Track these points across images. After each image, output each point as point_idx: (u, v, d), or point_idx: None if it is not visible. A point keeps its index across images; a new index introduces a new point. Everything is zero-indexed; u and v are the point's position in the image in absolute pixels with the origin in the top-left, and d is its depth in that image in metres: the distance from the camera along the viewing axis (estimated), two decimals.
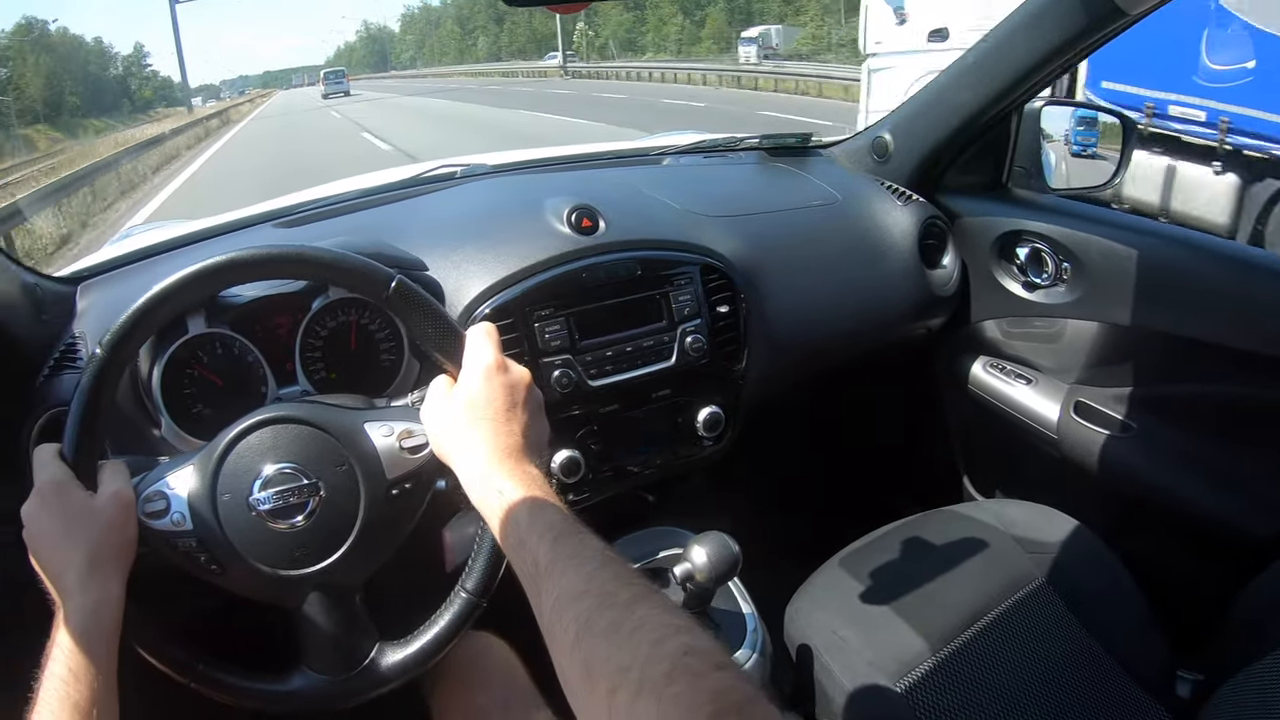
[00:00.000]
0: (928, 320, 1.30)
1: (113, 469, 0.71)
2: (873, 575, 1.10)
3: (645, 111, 15.37)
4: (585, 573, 0.55)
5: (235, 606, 0.80)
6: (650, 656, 0.47)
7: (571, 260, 0.99)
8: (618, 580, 0.54)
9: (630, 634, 0.49)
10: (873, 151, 1.37)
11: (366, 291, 0.77)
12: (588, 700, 0.50)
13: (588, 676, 0.50)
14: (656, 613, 0.51)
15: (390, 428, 0.75)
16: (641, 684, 0.46)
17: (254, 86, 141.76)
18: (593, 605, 0.53)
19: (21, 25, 69.84)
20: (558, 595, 0.55)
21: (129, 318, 0.72)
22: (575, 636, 0.52)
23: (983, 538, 1.14)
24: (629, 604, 0.52)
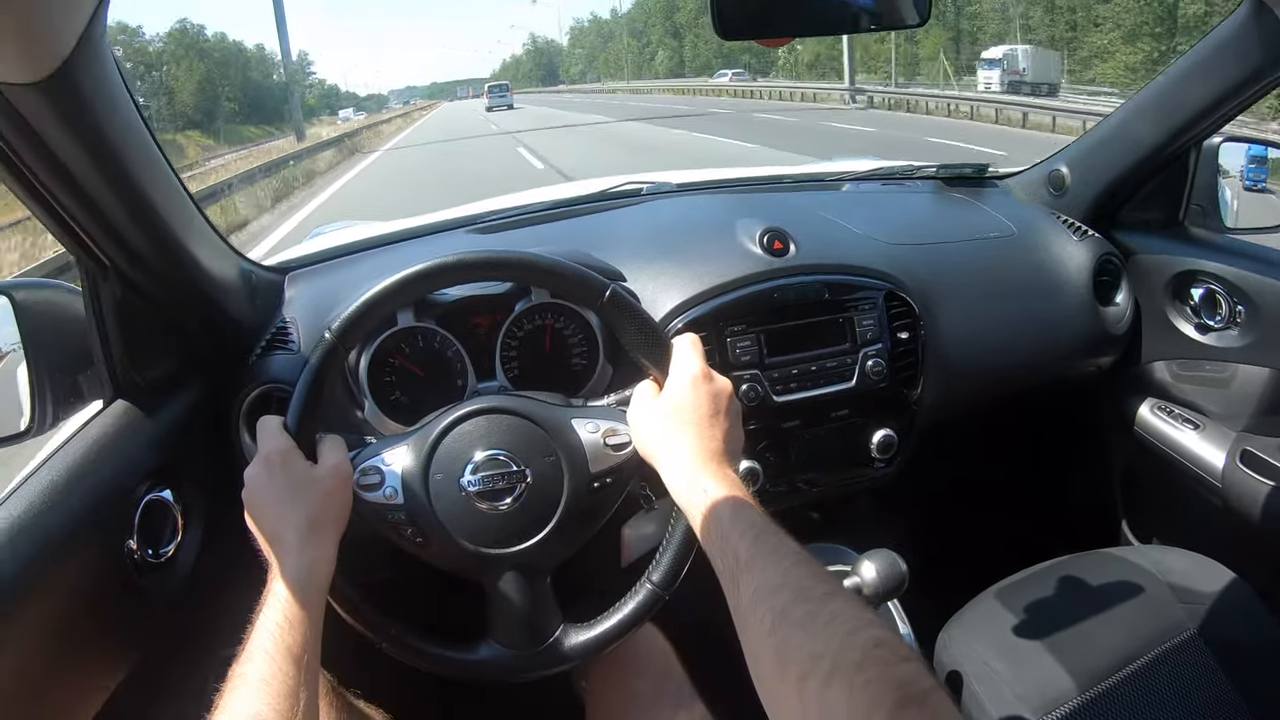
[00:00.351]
0: (1099, 358, 1.28)
1: (332, 443, 0.79)
2: (1027, 610, 1.10)
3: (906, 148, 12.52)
4: (783, 568, 0.60)
5: (421, 579, 0.89)
6: (843, 646, 0.51)
7: (764, 280, 1.04)
8: (813, 577, 0.59)
9: (825, 625, 0.53)
10: (1049, 184, 1.35)
11: (582, 297, 0.83)
12: (778, 686, 0.54)
13: (780, 663, 0.54)
14: (849, 607, 0.55)
15: (596, 425, 0.81)
16: (834, 671, 0.50)
17: (420, 97, 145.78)
18: (789, 597, 0.57)
19: (175, 30, 72.34)
20: (756, 588, 0.60)
21: (360, 306, 0.80)
22: (771, 625, 0.56)
23: (1139, 583, 1.12)
24: (823, 598, 0.56)
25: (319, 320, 1.01)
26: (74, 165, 0.72)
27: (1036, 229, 1.29)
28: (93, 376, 0.90)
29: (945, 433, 1.17)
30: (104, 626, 0.79)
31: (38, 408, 0.87)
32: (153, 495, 0.87)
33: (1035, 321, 1.23)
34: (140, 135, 0.78)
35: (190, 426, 0.95)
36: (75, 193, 0.75)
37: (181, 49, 71.19)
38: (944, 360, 1.12)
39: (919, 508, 1.32)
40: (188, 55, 70.93)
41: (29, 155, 0.70)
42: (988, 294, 1.20)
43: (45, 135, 0.68)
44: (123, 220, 0.79)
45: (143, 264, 0.84)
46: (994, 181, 1.43)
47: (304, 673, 0.65)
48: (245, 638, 0.67)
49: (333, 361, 0.79)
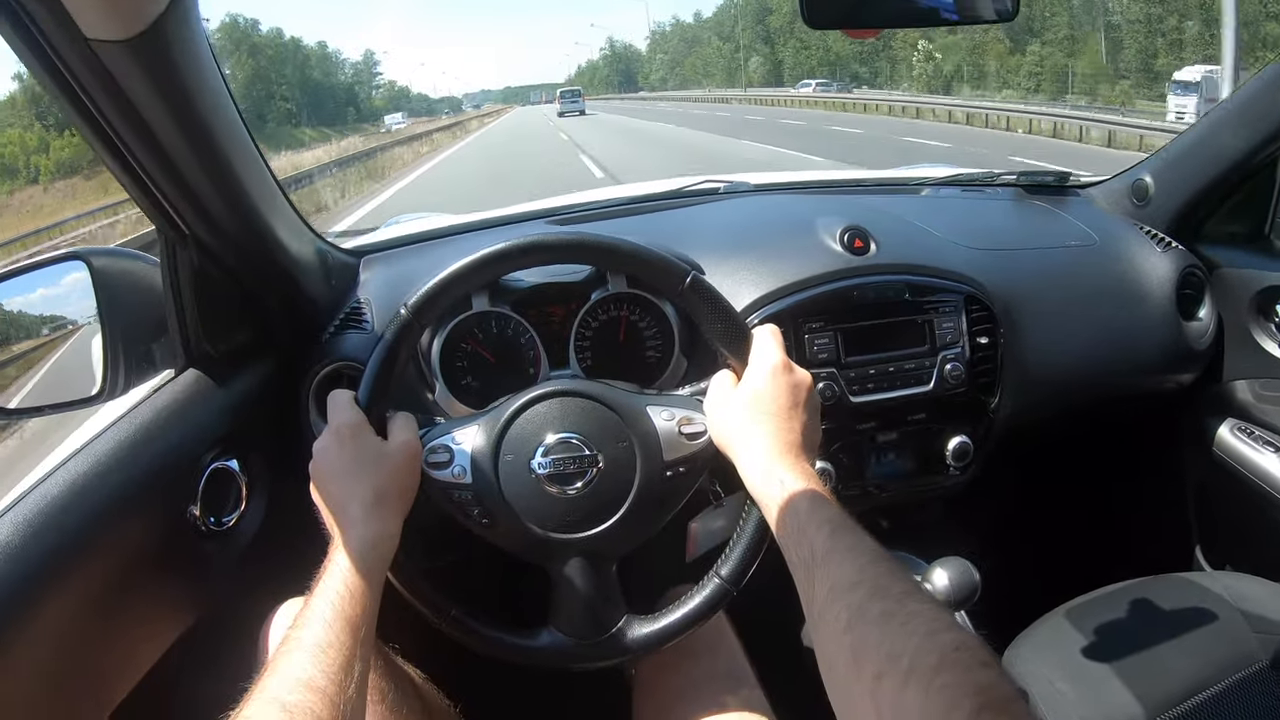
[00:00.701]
0: (1179, 374, 1.24)
1: (403, 420, 0.78)
2: (1097, 632, 1.06)
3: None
4: (860, 565, 0.58)
5: (484, 563, 0.88)
6: (921, 647, 0.49)
7: (844, 278, 1.03)
8: (890, 575, 0.57)
9: (902, 624, 0.52)
10: (1132, 194, 1.31)
11: (663, 284, 0.82)
12: (852, 684, 0.52)
13: (855, 661, 0.52)
14: (928, 608, 0.53)
15: (672, 413, 0.80)
16: (911, 672, 0.48)
17: (494, 101, 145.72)
18: (866, 595, 0.55)
19: (226, 24, 70.96)
20: (832, 584, 0.58)
21: (437, 283, 0.79)
22: (847, 623, 0.54)
23: (1212, 610, 1.08)
24: (901, 597, 0.54)
25: (393, 302, 1.01)
26: (160, 129, 0.73)
27: (1119, 239, 1.25)
28: (165, 346, 0.91)
29: (1019, 442, 1.13)
30: (161, 588, 0.80)
31: (110, 374, 0.88)
32: (219, 464, 0.88)
33: (1115, 333, 1.19)
34: (226, 104, 0.78)
35: (259, 399, 0.95)
36: (160, 157, 0.75)
37: (230, 43, 69.44)
38: (1022, 368, 1.09)
39: (988, 518, 1.28)
40: (237, 50, 69.22)
41: (116, 117, 0.70)
42: (1067, 303, 1.16)
43: (133, 95, 0.68)
44: (205, 189, 0.80)
45: (222, 234, 0.85)
46: (1075, 191, 1.39)
47: (360, 645, 0.63)
48: (304, 604, 0.66)
49: (407, 338, 0.79)
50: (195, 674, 0.87)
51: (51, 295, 0.97)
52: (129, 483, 0.76)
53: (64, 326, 0.96)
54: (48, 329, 0.97)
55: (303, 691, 0.57)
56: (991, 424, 1.08)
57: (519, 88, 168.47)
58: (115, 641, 0.74)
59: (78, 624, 0.68)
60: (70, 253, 0.90)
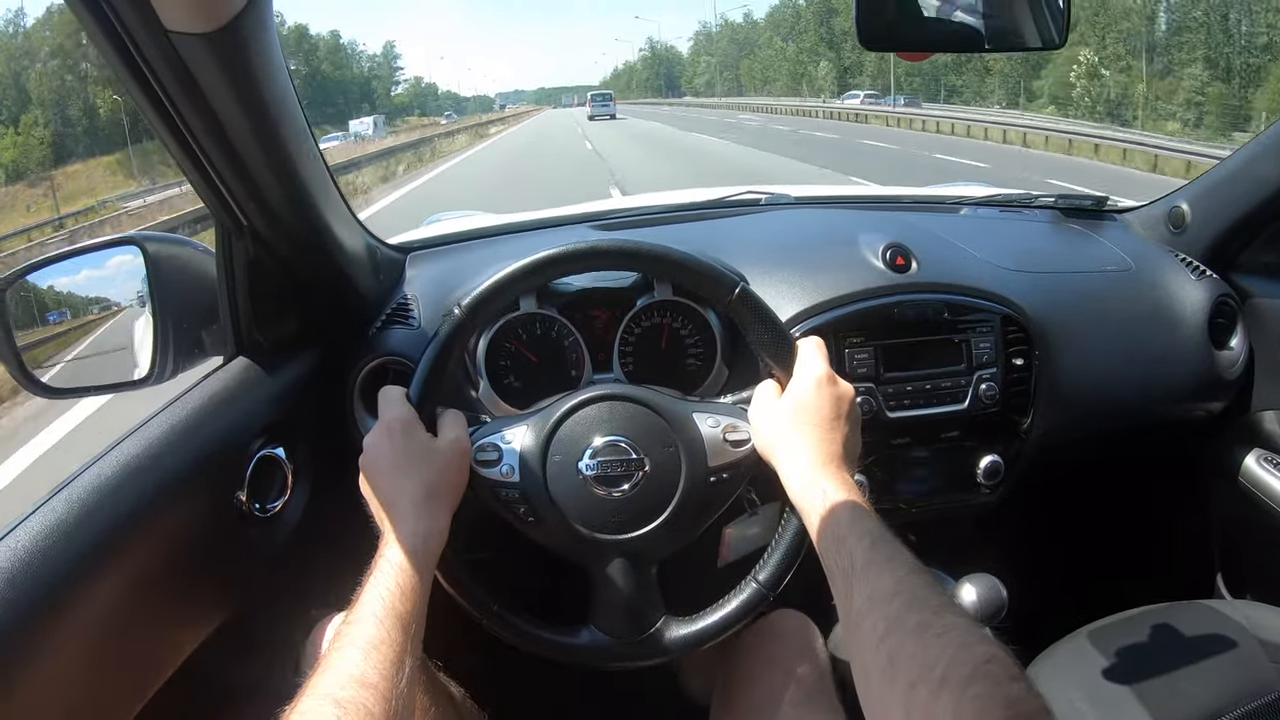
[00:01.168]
0: (1208, 402, 1.24)
1: (453, 417, 0.79)
2: (1118, 655, 1.07)
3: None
4: (898, 576, 0.60)
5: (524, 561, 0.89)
6: (955, 659, 0.50)
7: (885, 295, 1.03)
8: (928, 587, 0.59)
9: (938, 635, 0.53)
10: (1169, 221, 1.31)
11: (711, 294, 0.83)
12: (886, 692, 0.54)
13: (890, 670, 0.53)
14: (963, 621, 0.55)
15: (717, 420, 0.81)
16: (944, 682, 0.49)
17: (527, 102, 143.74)
18: (903, 605, 0.57)
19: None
20: (870, 593, 0.60)
21: (492, 285, 0.80)
22: (884, 632, 0.56)
23: (1232, 638, 1.09)
24: (938, 609, 0.56)
25: (440, 299, 1.02)
26: (228, 121, 0.74)
27: (1154, 265, 1.26)
28: (214, 333, 0.92)
29: (1049, 464, 1.14)
30: (206, 571, 0.81)
31: (159, 358, 0.89)
32: (266, 451, 0.89)
33: (1147, 359, 1.19)
34: (292, 101, 0.79)
35: (305, 389, 0.97)
36: (225, 149, 0.77)
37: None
38: (1055, 390, 1.10)
39: (1013, 538, 1.29)
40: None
41: (187, 108, 0.72)
42: (1102, 327, 1.17)
43: (205, 87, 0.70)
44: (266, 181, 0.81)
45: (279, 227, 0.86)
46: (1112, 215, 1.39)
47: (410, 641, 0.65)
48: (353, 599, 0.67)
49: (460, 337, 0.80)
50: (236, 659, 0.89)
51: (97, 277, 0.98)
52: (180, 466, 0.77)
53: (109, 308, 0.98)
54: (95, 309, 0.98)
55: (355, 688, 0.58)
56: (1023, 444, 1.09)
57: (552, 89, 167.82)
58: (161, 622, 0.75)
59: (125, 603, 0.69)
60: (126, 237, 0.91)
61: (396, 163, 20.92)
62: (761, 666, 0.92)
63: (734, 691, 0.93)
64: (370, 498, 0.75)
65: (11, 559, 0.61)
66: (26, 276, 0.92)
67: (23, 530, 0.64)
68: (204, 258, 0.93)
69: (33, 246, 14.26)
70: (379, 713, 0.57)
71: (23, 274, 0.92)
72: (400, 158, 21.47)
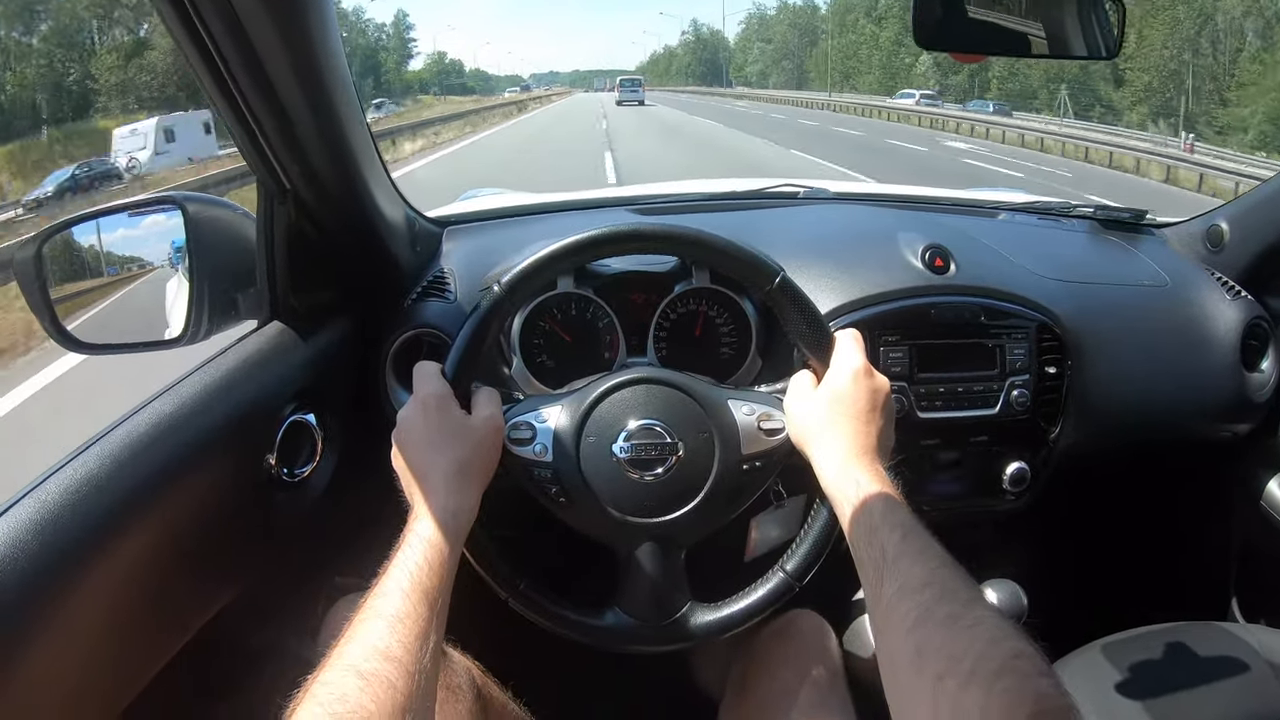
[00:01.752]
0: (1235, 424, 1.23)
1: (487, 395, 0.79)
2: (1131, 670, 1.07)
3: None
4: (929, 568, 0.60)
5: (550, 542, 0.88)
6: (984, 652, 0.50)
7: (923, 295, 1.03)
8: (958, 580, 0.59)
9: (968, 628, 0.53)
10: (1206, 240, 1.30)
11: (751, 281, 0.83)
12: (913, 682, 0.54)
13: (918, 660, 0.53)
14: (992, 615, 0.55)
15: (752, 408, 0.81)
16: (973, 674, 0.49)
17: (562, 84, 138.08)
18: (934, 597, 0.57)
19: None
20: (901, 584, 0.59)
21: (533, 264, 0.80)
22: (914, 622, 0.56)
23: (1244, 661, 1.09)
24: (968, 602, 0.56)
25: (476, 274, 1.02)
26: (279, 83, 0.74)
27: (1189, 283, 1.25)
28: (251, 297, 0.92)
29: (1074, 474, 1.14)
30: (232, 533, 0.81)
31: (193, 319, 0.89)
32: (297, 417, 0.89)
33: (1177, 376, 1.19)
34: (343, 66, 0.79)
35: (338, 356, 0.97)
36: (275, 111, 0.77)
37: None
38: (1085, 401, 1.09)
39: (1033, 546, 1.28)
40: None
41: (239, 68, 0.72)
42: (1134, 341, 1.16)
43: (260, 47, 0.70)
44: (313, 144, 0.81)
45: (322, 192, 0.86)
46: (1150, 230, 1.38)
47: (436, 616, 0.64)
48: (380, 572, 0.66)
49: (498, 314, 0.80)
50: (255, 622, 0.89)
51: (132, 237, 0.98)
52: (212, 427, 0.77)
53: (143, 267, 0.98)
54: (132, 267, 0.99)
55: (379, 661, 0.58)
56: (1050, 453, 1.09)
57: (586, 72, 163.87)
58: (185, 581, 0.75)
59: (151, 560, 0.70)
60: (167, 196, 0.91)
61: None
62: (775, 664, 0.92)
63: (746, 688, 0.93)
64: (402, 472, 0.75)
65: (41, 511, 0.61)
66: (65, 231, 0.92)
67: (54, 482, 0.64)
68: (243, 220, 0.93)
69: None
70: (402, 686, 0.57)
71: (61, 228, 0.92)
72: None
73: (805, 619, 0.97)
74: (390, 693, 0.56)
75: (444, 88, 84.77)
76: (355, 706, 0.54)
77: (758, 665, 0.93)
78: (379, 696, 0.55)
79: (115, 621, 0.66)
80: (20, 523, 0.60)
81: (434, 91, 77.26)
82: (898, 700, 0.56)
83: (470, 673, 0.87)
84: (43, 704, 0.60)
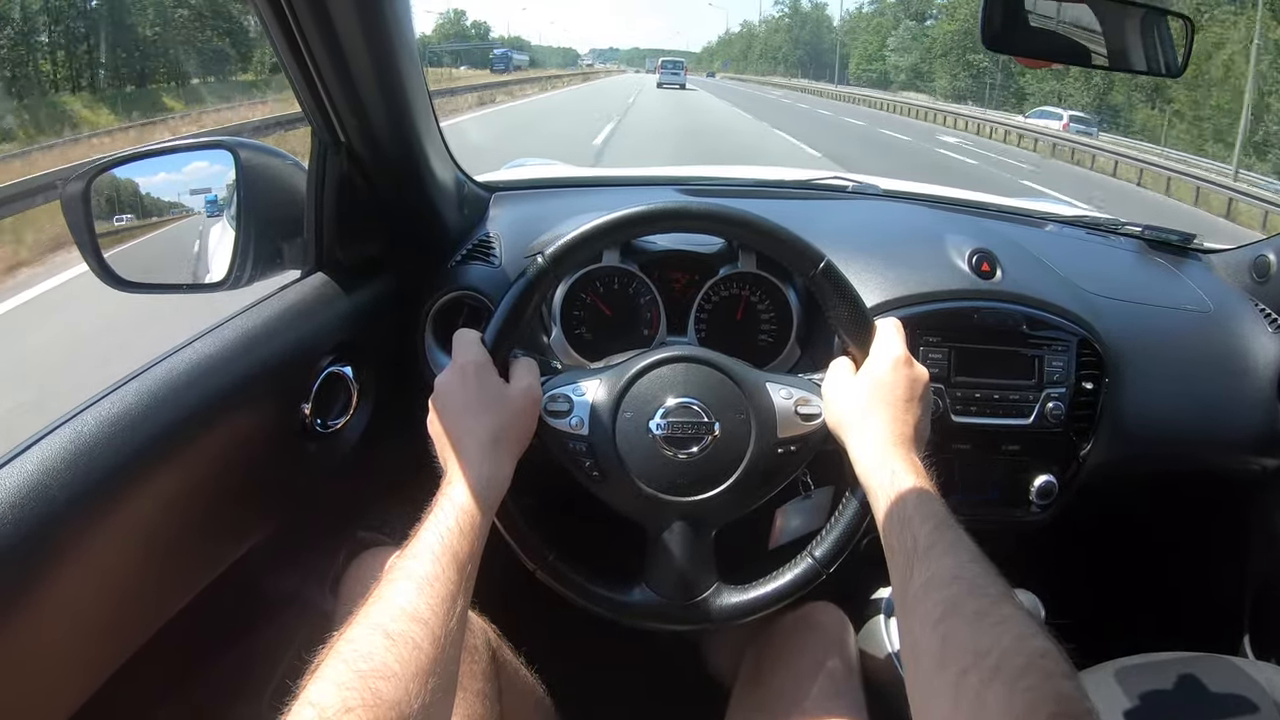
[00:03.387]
0: (1264, 458, 1.22)
1: (526, 365, 0.79)
2: (1139, 696, 1.06)
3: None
4: (960, 561, 0.59)
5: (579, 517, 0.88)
6: (1010, 649, 0.50)
7: (968, 299, 1.02)
8: (987, 576, 0.58)
9: (995, 625, 0.53)
10: (1253, 270, 1.29)
11: (796, 266, 0.82)
12: (936, 676, 0.53)
13: (942, 654, 0.53)
14: (1020, 613, 0.54)
15: (790, 392, 0.80)
16: (997, 670, 0.49)
17: (618, 61, 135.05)
18: (962, 591, 0.56)
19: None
20: (930, 576, 0.59)
21: (579, 236, 0.79)
22: (940, 615, 0.55)
23: (1252, 699, 1.07)
24: (997, 599, 0.55)
25: (522, 241, 1.02)
26: (346, 35, 0.74)
27: (1232, 312, 1.24)
28: (296, 246, 0.93)
29: (1100, 492, 1.13)
30: (261, 478, 0.81)
31: (238, 264, 0.90)
32: (334, 369, 0.89)
33: (1211, 404, 1.17)
34: (408, 22, 0.79)
35: (378, 312, 0.97)
36: (338, 63, 0.77)
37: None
38: (1119, 420, 1.09)
39: (1051, 561, 1.28)
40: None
41: (310, 22, 0.72)
42: (1172, 365, 1.15)
43: (331, 4, 0.70)
44: (373, 100, 0.81)
45: (377, 147, 0.86)
46: (1197, 255, 1.37)
47: (465, 581, 0.64)
48: (411, 534, 0.66)
49: (541, 285, 0.79)
50: (277, 568, 0.90)
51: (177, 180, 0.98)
52: (250, 371, 0.78)
53: (186, 212, 0.98)
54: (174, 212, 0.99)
55: (407, 622, 0.57)
56: (1080, 469, 1.08)
57: (646, 50, 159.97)
58: (212, 522, 0.75)
59: (181, 499, 0.70)
60: (218, 140, 0.91)
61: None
62: (792, 653, 0.92)
63: (761, 676, 0.93)
64: (438, 437, 0.75)
65: (77, 441, 0.62)
66: (113, 170, 0.92)
67: (90, 415, 0.64)
68: (293, 170, 0.93)
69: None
70: (428, 648, 0.57)
71: (110, 166, 0.92)
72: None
73: (826, 611, 0.97)
74: (415, 654, 0.56)
75: (457, 57, 68.84)
76: (379, 665, 0.54)
77: (774, 653, 0.93)
78: (404, 657, 0.55)
79: (141, 555, 0.67)
80: (55, 451, 0.60)
81: (446, 63, 63.15)
82: (918, 692, 0.55)
83: (486, 634, 0.87)
84: (66, 629, 0.61)
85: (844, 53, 68.08)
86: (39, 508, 0.57)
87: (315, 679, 0.53)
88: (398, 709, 0.53)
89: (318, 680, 0.53)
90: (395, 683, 0.54)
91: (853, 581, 0.93)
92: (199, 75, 27.42)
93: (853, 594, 1.06)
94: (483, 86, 25.40)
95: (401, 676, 0.54)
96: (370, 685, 0.52)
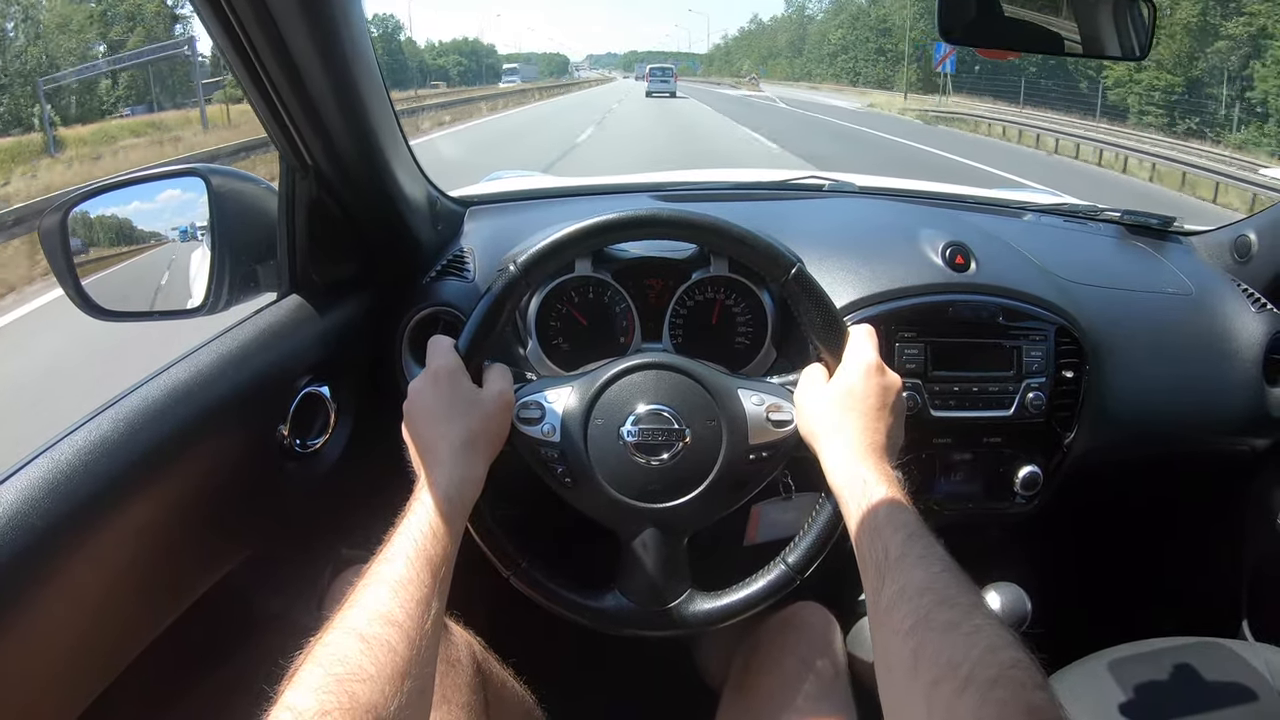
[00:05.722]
0: (1253, 439, 1.21)
1: (499, 371, 0.79)
2: (1134, 684, 1.06)
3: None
4: (931, 572, 0.59)
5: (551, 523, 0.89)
6: (982, 660, 0.50)
7: (942, 292, 1.02)
8: (959, 586, 0.58)
9: (966, 635, 0.52)
10: (1234, 250, 1.28)
11: (768, 272, 0.82)
12: (907, 687, 0.53)
13: (914, 664, 0.53)
14: (992, 623, 0.54)
15: (761, 398, 0.81)
16: (968, 682, 0.49)
17: (614, 67, 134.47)
18: (933, 602, 0.56)
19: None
20: (902, 586, 0.59)
21: (550, 245, 0.80)
22: (911, 626, 0.55)
23: (1249, 684, 1.07)
24: (968, 609, 0.55)
25: (496, 254, 1.03)
26: (303, 61, 0.75)
27: (1214, 293, 1.23)
28: (271, 269, 0.93)
29: (1086, 481, 1.12)
30: (241, 500, 0.82)
31: (214, 290, 0.90)
32: (311, 389, 0.90)
33: (1197, 388, 1.17)
34: (366, 42, 0.80)
35: (354, 331, 0.98)
36: (298, 89, 0.78)
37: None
38: (1102, 407, 1.08)
39: (1040, 551, 1.27)
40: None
41: (263, 45, 0.73)
42: (1156, 350, 1.15)
43: (283, 26, 0.70)
44: (336, 124, 0.82)
45: (344, 169, 0.87)
46: (1177, 237, 1.37)
47: (438, 583, 0.65)
48: (385, 540, 0.67)
49: (513, 293, 0.80)
50: (261, 589, 0.90)
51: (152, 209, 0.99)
52: (226, 395, 0.78)
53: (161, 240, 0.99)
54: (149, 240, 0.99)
55: (381, 625, 0.58)
56: (1064, 458, 1.07)
57: (643, 53, 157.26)
58: (192, 545, 0.76)
59: (161, 524, 0.71)
60: (190, 168, 0.92)
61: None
62: (779, 655, 0.92)
63: (749, 677, 0.93)
64: (410, 442, 0.75)
65: (54, 470, 0.62)
66: (89, 200, 0.93)
67: (67, 443, 0.65)
68: (265, 194, 0.93)
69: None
70: (403, 651, 0.57)
71: (86, 197, 0.93)
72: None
73: (811, 611, 0.97)
74: (391, 656, 0.56)
75: (443, 74, 63.37)
76: (355, 668, 0.54)
77: (761, 654, 0.93)
78: (379, 660, 0.56)
79: (122, 581, 0.67)
80: (33, 481, 0.61)
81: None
82: (891, 703, 0.56)
83: (471, 647, 0.88)
84: (47, 657, 0.61)
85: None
86: (20, 537, 0.58)
87: (292, 684, 0.54)
88: (374, 711, 0.53)
89: (295, 686, 0.53)
90: (371, 685, 0.54)
91: (842, 584, 0.93)
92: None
93: (842, 596, 1.06)
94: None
95: (377, 679, 0.55)
96: (347, 689, 0.53)
